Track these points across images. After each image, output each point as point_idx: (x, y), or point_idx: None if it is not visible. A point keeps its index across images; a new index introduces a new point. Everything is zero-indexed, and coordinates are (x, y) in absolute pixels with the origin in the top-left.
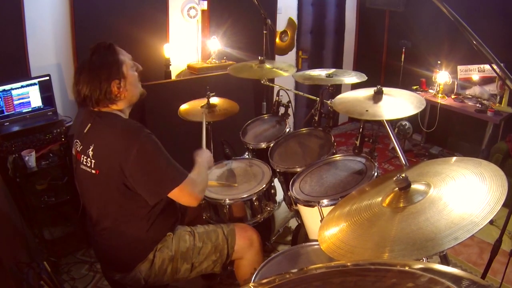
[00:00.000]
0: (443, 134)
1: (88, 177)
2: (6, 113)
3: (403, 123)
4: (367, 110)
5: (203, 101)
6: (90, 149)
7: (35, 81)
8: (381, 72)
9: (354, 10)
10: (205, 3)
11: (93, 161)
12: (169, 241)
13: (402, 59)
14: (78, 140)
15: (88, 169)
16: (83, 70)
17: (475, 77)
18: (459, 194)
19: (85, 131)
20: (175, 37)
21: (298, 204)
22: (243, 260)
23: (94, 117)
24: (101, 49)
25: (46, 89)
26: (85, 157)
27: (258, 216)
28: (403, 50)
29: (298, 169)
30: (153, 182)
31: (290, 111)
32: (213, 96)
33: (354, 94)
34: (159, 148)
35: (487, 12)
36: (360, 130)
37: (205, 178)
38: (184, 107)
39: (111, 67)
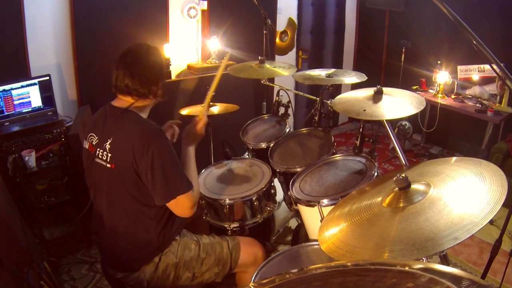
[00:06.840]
0: (443, 134)
1: (103, 172)
2: (6, 113)
3: (403, 123)
4: (364, 110)
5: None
6: (108, 143)
7: (35, 81)
8: (381, 72)
9: (354, 10)
10: (205, 3)
11: (109, 155)
12: (175, 246)
13: (402, 59)
14: (93, 134)
15: (104, 163)
16: (136, 60)
17: (475, 77)
18: (459, 194)
19: (104, 124)
20: (175, 37)
21: (298, 204)
22: (246, 273)
23: (116, 112)
24: (153, 49)
25: (46, 89)
26: (101, 150)
27: (258, 216)
28: (403, 50)
29: (298, 169)
30: (160, 184)
31: (290, 111)
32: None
33: (354, 94)
34: (172, 155)
35: (487, 12)
36: (360, 130)
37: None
38: (184, 112)
39: (163, 67)
